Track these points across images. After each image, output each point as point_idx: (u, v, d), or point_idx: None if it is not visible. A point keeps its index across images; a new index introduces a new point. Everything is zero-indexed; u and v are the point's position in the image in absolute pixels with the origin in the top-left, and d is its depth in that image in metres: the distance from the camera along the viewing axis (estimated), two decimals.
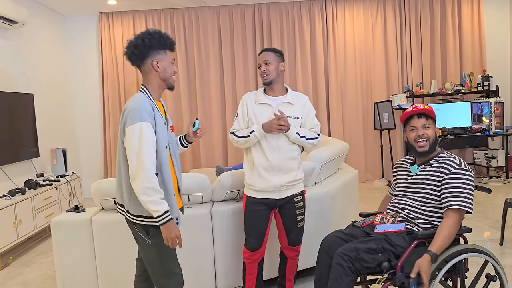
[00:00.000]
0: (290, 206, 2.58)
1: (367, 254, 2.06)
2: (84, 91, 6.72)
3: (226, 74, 6.64)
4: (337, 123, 6.71)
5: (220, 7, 6.60)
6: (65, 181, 5.20)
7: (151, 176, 1.93)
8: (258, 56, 2.60)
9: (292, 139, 2.53)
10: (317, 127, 2.66)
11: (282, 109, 2.54)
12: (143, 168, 1.92)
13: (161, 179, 2.03)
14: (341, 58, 6.72)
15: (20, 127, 4.86)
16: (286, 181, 2.54)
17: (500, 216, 3.76)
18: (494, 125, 6.20)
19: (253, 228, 2.56)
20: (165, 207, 1.95)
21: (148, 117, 1.96)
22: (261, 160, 2.53)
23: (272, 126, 2.46)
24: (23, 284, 3.55)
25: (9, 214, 4.03)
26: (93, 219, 2.86)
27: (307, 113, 2.63)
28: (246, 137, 2.53)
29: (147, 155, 1.93)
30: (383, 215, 2.35)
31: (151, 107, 2.01)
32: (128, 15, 6.59)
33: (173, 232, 1.97)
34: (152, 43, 2.04)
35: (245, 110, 2.60)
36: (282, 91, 2.60)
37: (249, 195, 2.58)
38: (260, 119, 2.54)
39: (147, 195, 1.92)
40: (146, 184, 1.92)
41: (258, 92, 2.64)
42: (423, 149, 2.28)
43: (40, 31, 5.80)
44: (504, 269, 2.93)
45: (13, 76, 5.05)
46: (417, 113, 2.32)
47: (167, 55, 2.08)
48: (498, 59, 6.86)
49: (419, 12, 6.71)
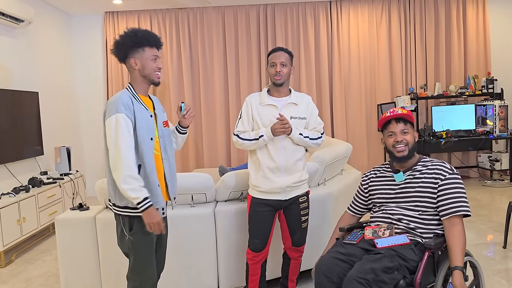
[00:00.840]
0: (294, 206, 2.58)
1: (385, 274, 1.89)
2: (88, 90, 6.74)
3: (230, 75, 6.64)
4: (341, 124, 6.71)
5: (225, 8, 6.61)
6: (69, 179, 5.21)
7: (130, 165, 1.96)
8: (273, 54, 2.56)
9: (296, 141, 2.53)
10: (320, 126, 2.66)
11: (286, 109, 2.55)
12: (121, 156, 1.95)
13: (143, 170, 2.06)
14: (345, 59, 6.72)
15: (24, 125, 4.88)
16: (292, 182, 2.53)
17: (504, 220, 3.75)
18: (498, 128, 6.18)
19: (258, 229, 2.56)
20: (144, 193, 1.97)
21: (123, 109, 2.00)
22: (266, 161, 2.52)
23: (275, 129, 2.45)
24: (26, 281, 3.56)
25: (13, 212, 4.05)
26: (97, 217, 2.87)
27: (310, 112, 2.63)
28: (253, 140, 2.52)
29: (124, 144, 1.97)
30: (373, 227, 2.18)
31: (130, 100, 2.05)
32: (133, 14, 6.60)
33: (155, 218, 1.99)
34: (126, 42, 2.09)
35: (249, 112, 2.59)
36: (286, 92, 2.61)
37: (254, 196, 2.58)
38: (265, 120, 2.54)
39: (126, 183, 1.95)
40: (125, 172, 1.95)
41: (262, 93, 2.62)
42: (401, 154, 2.18)
43: (46, 30, 5.82)
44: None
45: (18, 75, 5.07)
46: (395, 117, 2.23)
47: (145, 52, 2.11)
48: (503, 62, 6.83)
49: (423, 14, 6.70)
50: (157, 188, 2.10)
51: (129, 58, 2.11)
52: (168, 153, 2.25)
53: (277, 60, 2.52)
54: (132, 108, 2.04)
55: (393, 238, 2.07)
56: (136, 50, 2.10)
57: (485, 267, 3.31)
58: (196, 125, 6.74)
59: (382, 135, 2.32)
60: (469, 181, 6.54)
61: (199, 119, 6.71)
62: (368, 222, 2.32)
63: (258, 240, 2.56)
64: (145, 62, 2.11)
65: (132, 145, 2.01)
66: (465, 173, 6.87)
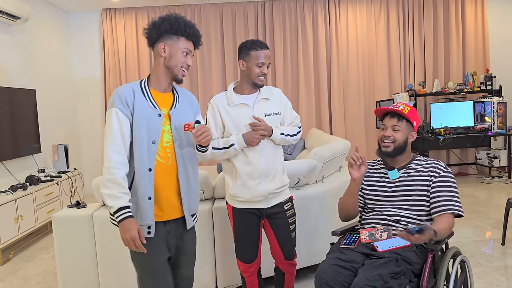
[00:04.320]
0: (281, 215, 2.34)
1: (394, 280, 1.81)
2: (86, 87, 6.72)
3: (228, 72, 6.62)
4: (339, 121, 6.70)
5: (223, 4, 6.59)
6: (67, 177, 5.20)
7: (111, 167, 1.74)
8: (260, 51, 2.24)
9: (278, 142, 2.30)
10: (297, 119, 2.42)
11: (259, 106, 2.28)
12: (105, 158, 1.76)
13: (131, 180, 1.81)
14: (344, 56, 6.71)
15: (22, 123, 4.86)
16: (274, 188, 2.29)
17: (502, 216, 3.75)
18: (497, 125, 6.18)
19: (246, 238, 2.34)
20: (122, 202, 1.73)
21: (119, 103, 1.78)
22: (244, 167, 2.25)
23: (253, 140, 2.19)
24: (24, 279, 3.55)
25: (10, 210, 4.03)
26: (94, 215, 2.86)
27: (284, 106, 2.37)
28: (222, 149, 2.23)
29: (110, 143, 1.76)
30: (369, 230, 2.09)
31: (132, 93, 1.82)
32: (130, 11, 6.58)
33: (128, 232, 1.70)
34: (163, 25, 1.84)
35: (217, 116, 2.29)
36: (253, 88, 2.31)
37: (235, 206, 2.34)
38: (239, 122, 2.25)
39: (106, 187, 1.74)
40: (106, 175, 1.74)
41: (228, 92, 2.31)
42: (385, 149, 2.13)
43: (43, 27, 5.79)
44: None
45: (15, 72, 5.04)
46: (391, 112, 2.16)
47: (179, 41, 1.86)
48: (501, 59, 6.83)
49: (422, 11, 6.69)
50: (145, 202, 1.81)
51: (159, 41, 1.86)
52: (187, 162, 1.92)
53: (266, 61, 2.25)
54: (131, 103, 1.80)
55: (393, 240, 2.00)
56: (170, 36, 1.85)
57: (484, 264, 3.30)
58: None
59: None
60: (467, 178, 6.54)
61: None
62: (361, 224, 2.25)
63: (248, 249, 2.35)
64: (175, 52, 1.85)
65: (122, 146, 1.78)
66: (464, 170, 6.87)
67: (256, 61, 2.23)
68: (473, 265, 3.24)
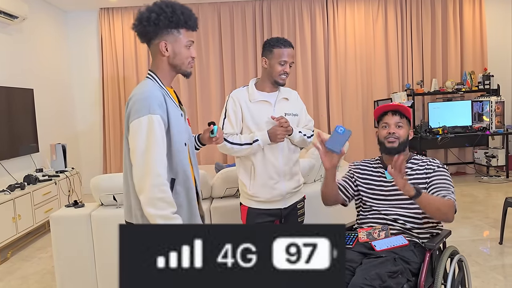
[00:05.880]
0: (293, 213, 2.35)
1: (391, 279, 1.80)
2: (84, 86, 6.70)
3: (226, 71, 6.62)
4: (337, 121, 6.70)
5: (221, 4, 6.58)
6: (65, 176, 5.19)
7: (162, 184, 1.53)
8: (284, 49, 2.19)
9: (296, 142, 2.28)
10: (311, 123, 2.44)
11: (280, 105, 2.28)
12: (152, 173, 1.52)
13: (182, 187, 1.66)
14: (342, 56, 6.70)
15: (19, 122, 4.85)
16: (292, 187, 2.30)
17: (500, 215, 3.76)
18: (495, 124, 6.19)
19: None
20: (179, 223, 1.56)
21: (158, 109, 1.57)
22: (264, 167, 2.23)
23: (276, 136, 2.14)
24: (22, 279, 3.54)
25: (8, 209, 4.02)
26: (92, 214, 2.86)
27: (300, 108, 2.39)
28: (245, 145, 2.19)
29: (157, 156, 1.53)
30: (367, 229, 2.08)
31: (162, 95, 1.63)
32: (128, 11, 6.56)
33: None
34: (160, 20, 1.62)
35: (238, 110, 2.24)
36: (274, 87, 2.31)
37: (252, 206, 2.28)
38: (259, 119, 2.22)
39: (155, 207, 1.51)
40: (154, 194, 1.51)
41: (250, 88, 2.28)
42: (391, 145, 2.10)
43: (41, 26, 5.78)
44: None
45: (13, 71, 5.03)
46: (391, 109, 2.16)
47: (181, 35, 1.67)
48: (499, 58, 6.83)
49: (420, 10, 6.69)
50: (194, 205, 1.71)
51: (158, 40, 1.65)
52: (195, 158, 1.84)
53: (289, 60, 2.21)
54: (165, 107, 1.60)
55: (391, 239, 2.00)
56: (170, 32, 1.64)
57: (482, 263, 3.31)
58: (192, 122, 6.72)
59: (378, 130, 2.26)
60: (465, 177, 6.55)
61: (195, 116, 6.68)
62: (359, 223, 2.25)
63: None
64: (179, 49, 1.67)
65: (165, 157, 1.58)
66: (462, 170, 6.88)
67: (278, 59, 2.20)
68: (470, 264, 3.24)
